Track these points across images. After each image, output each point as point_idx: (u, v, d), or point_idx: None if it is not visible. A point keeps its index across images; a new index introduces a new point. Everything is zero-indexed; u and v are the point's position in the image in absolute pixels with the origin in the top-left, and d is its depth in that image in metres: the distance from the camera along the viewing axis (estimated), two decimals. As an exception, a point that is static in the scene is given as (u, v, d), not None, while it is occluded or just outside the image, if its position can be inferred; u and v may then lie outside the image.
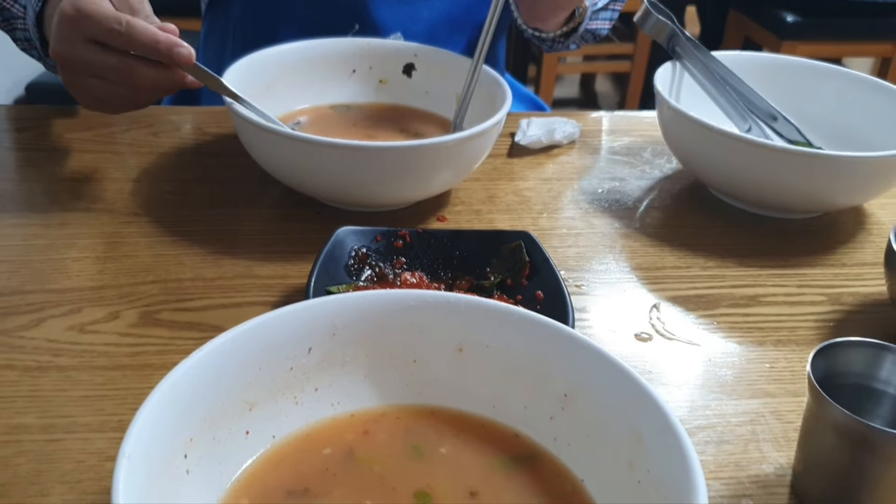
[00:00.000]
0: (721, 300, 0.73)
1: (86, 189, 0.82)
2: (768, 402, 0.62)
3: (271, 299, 0.69)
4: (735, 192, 0.86)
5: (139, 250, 0.74)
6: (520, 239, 0.71)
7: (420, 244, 0.72)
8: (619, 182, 0.92)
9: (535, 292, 0.67)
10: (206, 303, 0.68)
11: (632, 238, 0.82)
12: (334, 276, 0.67)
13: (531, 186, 0.90)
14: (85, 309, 0.66)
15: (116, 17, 0.70)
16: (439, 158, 0.76)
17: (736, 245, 0.82)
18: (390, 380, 0.52)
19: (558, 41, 1.08)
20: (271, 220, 0.80)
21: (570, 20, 1.04)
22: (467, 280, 0.70)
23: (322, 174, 0.75)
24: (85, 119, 0.95)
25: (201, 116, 0.99)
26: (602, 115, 1.08)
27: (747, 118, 0.89)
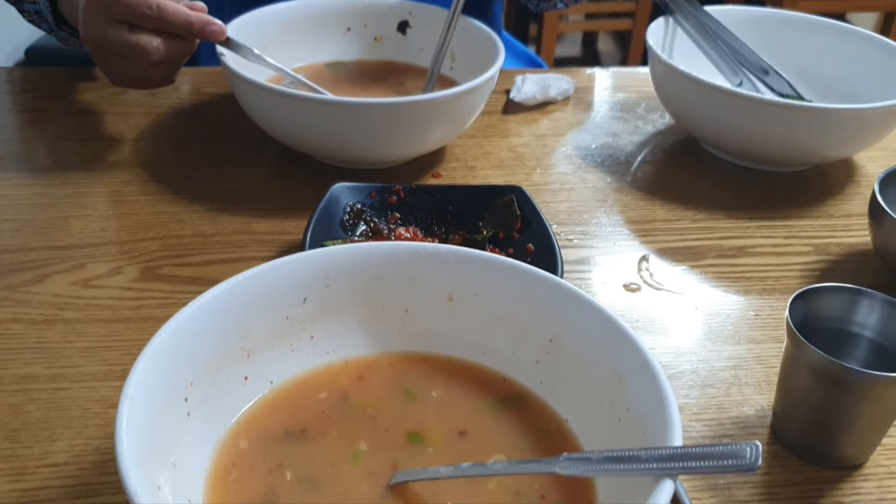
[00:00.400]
0: (709, 251, 0.75)
1: (87, 149, 0.84)
2: (752, 348, 0.64)
3: (268, 254, 0.71)
4: (726, 146, 0.87)
5: (140, 208, 0.76)
6: (512, 193, 0.72)
7: (414, 200, 0.73)
8: (613, 137, 0.93)
9: (527, 245, 0.69)
10: (206, 258, 0.70)
11: (623, 192, 0.83)
12: (330, 232, 0.69)
13: (525, 143, 0.91)
14: (88, 265, 0.68)
15: (147, 1, 0.72)
16: (433, 114, 0.77)
17: (726, 198, 0.83)
18: (383, 328, 0.54)
19: None
20: (268, 178, 0.82)
21: None
22: (460, 234, 0.72)
23: (317, 131, 0.76)
24: (85, 81, 0.97)
25: (198, 77, 1.00)
26: (596, 72, 1.09)
27: (738, 72, 0.90)
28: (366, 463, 0.46)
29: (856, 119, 0.79)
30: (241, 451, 0.46)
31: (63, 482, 0.49)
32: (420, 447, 0.47)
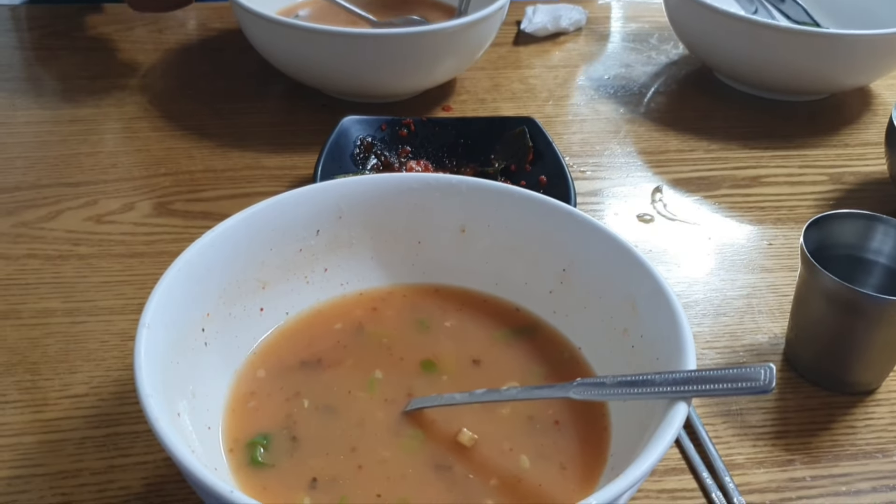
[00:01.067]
0: (723, 181, 0.74)
1: (95, 86, 0.83)
2: (765, 276, 0.63)
3: (279, 189, 0.71)
4: (740, 76, 0.86)
5: (150, 144, 0.75)
6: (523, 125, 0.72)
7: (425, 132, 0.73)
8: (626, 68, 0.92)
9: (539, 177, 0.68)
10: (217, 193, 0.70)
11: (637, 123, 0.82)
12: (341, 166, 0.69)
13: (537, 74, 0.90)
14: (101, 201, 0.68)
15: None
16: (443, 45, 0.76)
17: (740, 128, 0.82)
18: (396, 260, 0.54)
19: None
20: (277, 112, 0.81)
21: None
22: (471, 167, 0.72)
23: (326, 64, 0.75)
24: (91, 19, 0.96)
25: (205, 12, 0.99)
26: (609, 2, 1.07)
27: (753, 0, 0.88)
28: (381, 390, 0.47)
29: (872, 45, 0.78)
30: (259, 379, 0.47)
31: (84, 412, 0.50)
32: (434, 375, 0.48)
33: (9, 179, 0.70)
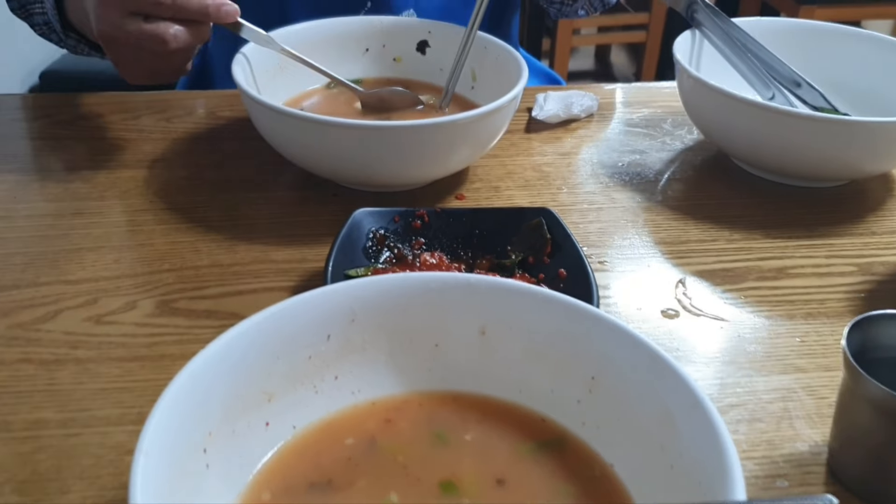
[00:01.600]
0: (748, 273, 0.72)
1: (100, 178, 0.81)
2: (800, 377, 0.60)
3: (289, 284, 0.68)
4: (759, 162, 0.84)
5: (155, 238, 0.73)
6: (540, 215, 0.69)
7: (439, 224, 0.70)
8: (640, 155, 0.90)
9: (558, 270, 0.65)
10: (223, 290, 0.67)
11: (654, 212, 0.80)
12: (352, 260, 0.66)
13: (550, 161, 0.88)
14: (101, 299, 0.65)
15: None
16: (456, 136, 0.74)
17: (761, 216, 0.80)
18: (412, 365, 0.51)
19: (566, 4, 1.05)
20: (287, 203, 0.79)
21: None
22: (488, 259, 0.69)
23: (336, 156, 0.74)
24: (97, 107, 0.95)
25: (214, 100, 0.98)
26: (619, 87, 1.06)
27: (770, 85, 0.87)
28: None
29: (893, 132, 0.76)
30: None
31: (76, 537, 0.46)
32: (455, 498, 0.44)
33: (6, 277, 0.67)
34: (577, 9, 1.09)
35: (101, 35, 0.75)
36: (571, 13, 1.11)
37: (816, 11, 2.82)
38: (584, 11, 1.12)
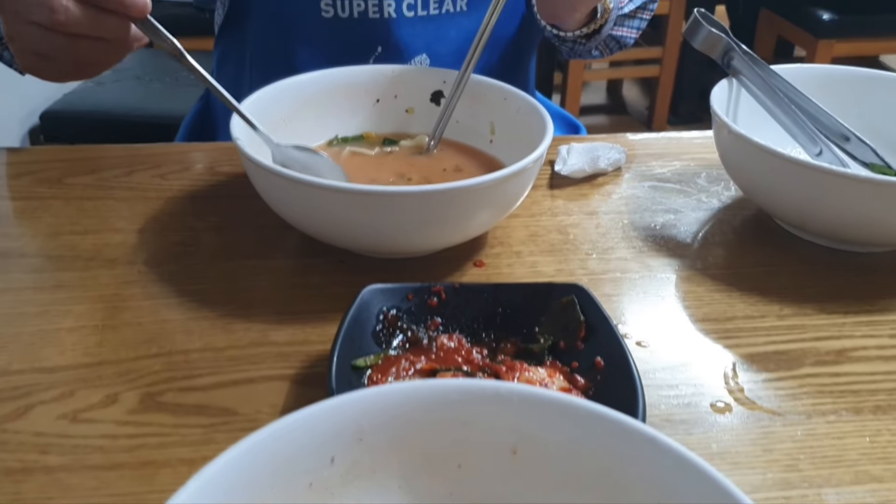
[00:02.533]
0: (804, 357, 0.64)
1: (86, 244, 0.74)
2: (876, 489, 0.52)
3: (289, 371, 0.61)
4: (808, 226, 0.76)
5: (142, 316, 0.66)
6: (572, 293, 0.62)
7: (457, 301, 0.63)
8: (674, 214, 0.83)
9: (594, 359, 0.58)
10: (216, 379, 0.60)
11: (695, 282, 0.72)
12: (360, 346, 0.59)
13: (576, 222, 0.81)
14: (78, 392, 0.58)
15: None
16: (476, 201, 0.67)
17: (813, 287, 0.72)
18: (430, 490, 0.44)
19: (580, 43, 0.99)
20: (288, 273, 0.72)
21: (591, 21, 0.95)
22: (513, 343, 0.62)
23: (342, 222, 0.67)
24: (87, 162, 0.88)
25: (213, 154, 0.91)
26: (646, 138, 0.99)
27: (817, 140, 0.80)
28: None
29: (962, 194, 0.69)
30: None
31: None
32: None
33: (-26, 365, 0.60)
34: (591, 48, 1.03)
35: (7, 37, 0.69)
36: (585, 53, 1.04)
37: (836, 45, 2.76)
38: (599, 52, 1.05)
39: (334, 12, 0.94)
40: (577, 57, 1.07)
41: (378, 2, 0.94)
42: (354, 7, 0.93)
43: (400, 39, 0.96)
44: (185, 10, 2.53)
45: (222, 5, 1.03)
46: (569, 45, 1.01)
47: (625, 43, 1.06)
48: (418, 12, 0.96)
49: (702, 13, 0.85)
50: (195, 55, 0.72)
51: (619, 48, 1.06)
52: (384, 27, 0.95)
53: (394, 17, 0.95)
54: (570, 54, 1.06)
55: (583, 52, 1.04)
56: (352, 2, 0.89)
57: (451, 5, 0.97)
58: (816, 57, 2.77)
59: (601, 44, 1.04)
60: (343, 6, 0.93)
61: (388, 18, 0.95)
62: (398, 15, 0.95)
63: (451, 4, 0.97)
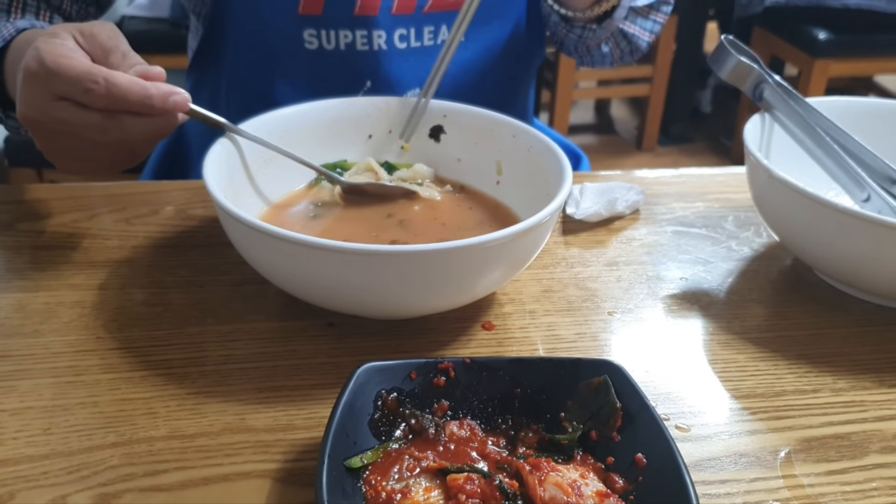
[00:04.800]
0: (868, 442, 0.55)
1: (37, 303, 0.65)
2: None
3: (270, 466, 0.51)
4: (857, 282, 0.68)
5: (99, 394, 0.56)
6: (604, 372, 0.53)
7: (468, 380, 0.54)
8: (703, 265, 0.74)
9: (633, 454, 0.49)
10: (184, 476, 0.50)
11: (734, 348, 0.64)
12: (355, 440, 0.50)
13: (595, 275, 0.72)
14: (20, 494, 0.48)
15: (90, 73, 0.58)
16: (485, 260, 0.58)
17: (868, 353, 0.64)
18: None
19: (589, 28, 0.90)
20: (270, 339, 0.62)
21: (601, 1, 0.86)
22: (535, 430, 0.53)
23: (327, 284, 0.57)
24: (45, 203, 0.78)
25: (185, 194, 0.82)
26: (666, 175, 0.90)
27: (863, 184, 0.71)
28: None
29: None
30: None
31: None
32: None
33: None
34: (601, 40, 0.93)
35: (22, 119, 0.61)
36: (594, 47, 0.94)
37: (832, 65, 2.70)
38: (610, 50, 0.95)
39: (319, 44, 0.85)
40: (589, 60, 0.97)
41: (367, 33, 0.85)
42: (341, 39, 0.84)
43: (391, 73, 0.87)
44: (159, 27, 2.43)
45: (196, 31, 0.94)
46: (577, 33, 0.91)
47: (637, 45, 0.97)
48: (411, 44, 0.87)
49: (730, 40, 0.76)
50: (170, 73, 0.63)
51: (631, 52, 0.97)
52: (374, 60, 0.86)
53: (384, 49, 0.86)
54: (580, 53, 0.97)
55: (592, 49, 0.95)
56: (338, 33, 0.81)
57: (446, 36, 0.88)
58: (812, 77, 2.71)
59: (612, 39, 0.95)
60: (329, 38, 0.84)
61: (379, 51, 0.86)
62: (389, 47, 0.86)
63: (447, 35, 0.88)
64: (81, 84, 0.58)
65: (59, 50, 0.58)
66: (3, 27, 0.71)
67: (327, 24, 0.84)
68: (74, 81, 0.58)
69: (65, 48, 0.59)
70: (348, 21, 0.84)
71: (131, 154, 0.65)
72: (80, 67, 0.58)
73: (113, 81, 0.58)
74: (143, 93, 0.59)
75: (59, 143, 0.63)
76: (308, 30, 0.84)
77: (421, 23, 0.87)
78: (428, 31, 0.88)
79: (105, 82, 0.58)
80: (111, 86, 0.58)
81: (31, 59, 0.59)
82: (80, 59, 0.59)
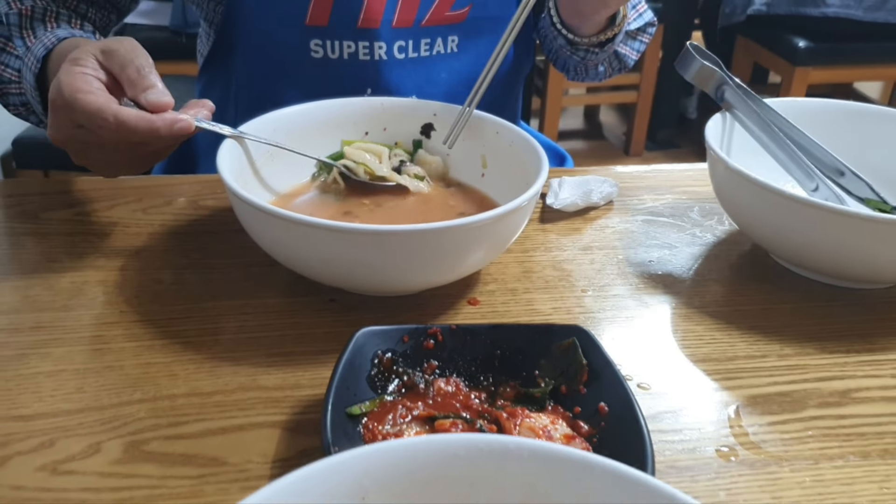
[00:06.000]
0: (808, 398, 0.62)
1: (64, 283, 0.72)
2: (892, 539, 0.51)
3: (280, 418, 0.58)
4: (806, 262, 0.75)
5: (125, 359, 0.63)
6: (573, 335, 0.60)
7: (454, 343, 0.61)
8: (669, 249, 0.81)
9: (598, 404, 0.56)
10: (204, 427, 0.57)
11: (693, 320, 0.71)
12: (356, 392, 0.57)
13: (570, 258, 0.79)
14: (59, 441, 0.55)
15: (101, 111, 0.64)
16: (470, 240, 0.65)
17: (813, 325, 0.71)
18: (437, 551, 0.41)
19: (592, 52, 0.98)
20: (278, 312, 0.70)
21: (607, 28, 0.94)
22: (512, 386, 0.60)
23: (335, 262, 0.64)
24: (66, 195, 0.85)
25: (196, 187, 0.89)
26: (639, 170, 0.98)
27: (813, 175, 0.79)
28: None
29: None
30: None
31: None
32: None
33: (-53, 413, 0.57)
34: (599, 63, 1.02)
35: (53, 140, 0.70)
36: (591, 68, 1.04)
37: (811, 73, 2.79)
38: (604, 69, 1.05)
39: (324, 53, 0.92)
40: (583, 76, 1.06)
41: (369, 44, 0.92)
42: (345, 49, 0.92)
43: (390, 81, 0.94)
44: (161, 34, 2.50)
45: (207, 37, 1.01)
46: (580, 55, 0.99)
47: (626, 63, 1.06)
48: (409, 54, 0.95)
49: (694, 46, 0.84)
50: (170, 79, 0.71)
51: (621, 68, 1.06)
52: (374, 69, 0.94)
53: (384, 59, 0.93)
54: (577, 71, 1.05)
55: (590, 68, 1.04)
56: (342, 43, 0.88)
57: (441, 47, 0.96)
58: (793, 83, 2.80)
59: (607, 60, 1.03)
60: (333, 48, 0.92)
61: (379, 60, 0.93)
62: (389, 57, 0.94)
63: (442, 46, 0.96)
64: (94, 121, 0.65)
65: (77, 83, 0.65)
66: (43, 36, 0.79)
67: (332, 35, 0.91)
68: (88, 118, 0.65)
69: (83, 81, 0.65)
70: (352, 32, 0.92)
71: (155, 158, 0.73)
72: (93, 106, 0.64)
73: (122, 119, 0.64)
74: (150, 126, 0.65)
75: (89, 156, 0.71)
76: (314, 40, 0.92)
77: (419, 35, 0.95)
78: (424, 42, 0.96)
79: (115, 120, 0.64)
80: (120, 123, 0.64)
81: (54, 90, 0.66)
82: (94, 95, 0.65)
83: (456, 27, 0.97)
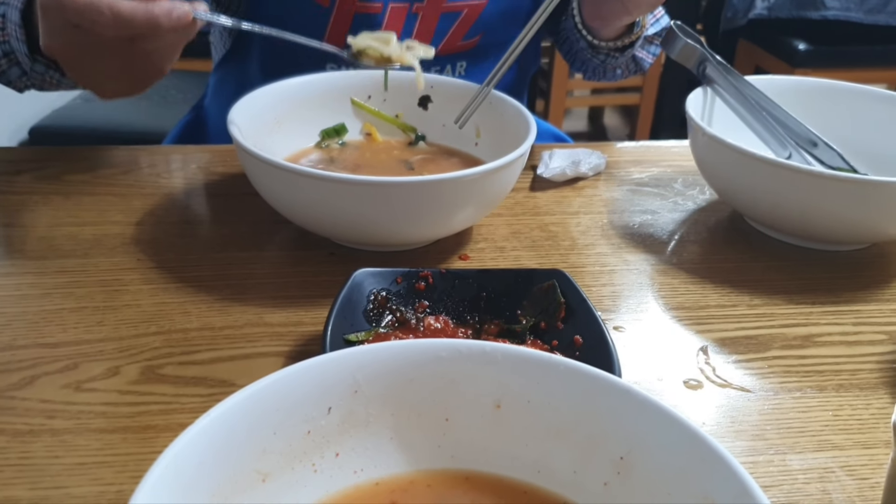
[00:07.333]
0: (772, 341, 0.67)
1: (85, 234, 0.77)
2: (837, 455, 0.55)
3: (284, 349, 0.64)
4: (778, 224, 0.80)
5: (141, 298, 0.69)
6: (552, 278, 0.65)
7: (444, 285, 0.66)
8: (651, 215, 0.87)
9: (573, 337, 0.61)
10: (214, 355, 0.63)
11: (669, 275, 0.76)
12: (352, 323, 0.62)
13: (557, 221, 0.84)
14: (82, 364, 0.61)
15: (94, 3, 0.61)
16: (461, 194, 0.70)
17: (782, 280, 0.76)
18: (419, 441, 0.47)
19: (612, 56, 1.03)
20: (282, 263, 0.75)
21: (627, 33, 1.00)
22: (496, 324, 0.65)
23: (334, 213, 0.70)
24: (85, 161, 0.91)
25: (207, 155, 0.94)
26: (627, 146, 1.03)
27: (786, 145, 0.84)
28: None
29: (921, 193, 0.73)
30: None
31: None
32: None
33: (-20, 339, 0.62)
34: (618, 66, 1.08)
35: (47, 49, 0.67)
36: (610, 71, 1.09)
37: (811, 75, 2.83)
38: (621, 72, 1.11)
39: None
40: (600, 76, 1.11)
41: None
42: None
43: None
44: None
45: (222, 44, 1.06)
46: (600, 59, 1.05)
47: (642, 66, 1.11)
48: None
49: (678, 25, 0.89)
50: (181, 76, 0.75)
51: (636, 71, 1.12)
52: None
53: None
54: (595, 72, 1.10)
55: (608, 70, 1.09)
56: (357, 66, 0.90)
57: (450, 72, 1.02)
58: (792, 86, 2.84)
59: (624, 63, 1.08)
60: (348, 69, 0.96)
61: None
62: None
63: (451, 71, 1.02)
64: (88, 16, 0.61)
65: None
66: None
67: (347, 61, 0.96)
68: (81, 12, 0.61)
69: None
70: None
71: (156, 68, 0.69)
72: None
73: (117, 10, 0.61)
74: (147, 14, 0.62)
75: (86, 66, 0.69)
76: (329, 63, 0.97)
77: (430, 63, 0.99)
78: (434, 70, 1.01)
79: (109, 11, 0.61)
80: (115, 14, 0.61)
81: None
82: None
83: (465, 54, 1.02)
